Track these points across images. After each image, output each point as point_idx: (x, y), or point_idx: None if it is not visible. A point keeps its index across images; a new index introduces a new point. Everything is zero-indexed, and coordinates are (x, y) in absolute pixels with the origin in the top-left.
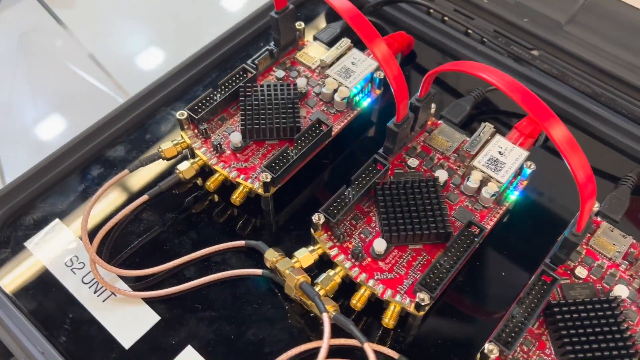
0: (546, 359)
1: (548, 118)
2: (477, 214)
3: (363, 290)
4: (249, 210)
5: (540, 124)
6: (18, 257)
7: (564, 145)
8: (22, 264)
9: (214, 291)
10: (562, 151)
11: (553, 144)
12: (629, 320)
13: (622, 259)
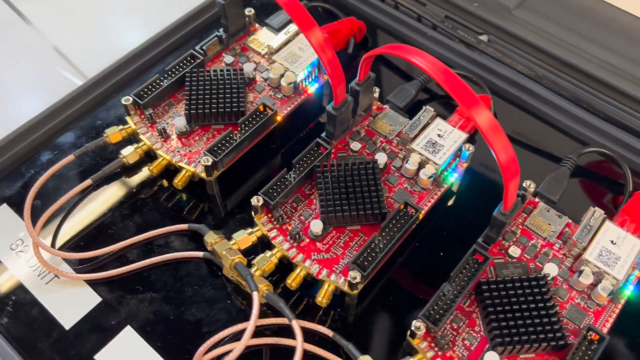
0: (475, 335)
1: (472, 102)
2: (415, 196)
3: (299, 270)
4: (196, 194)
5: (464, 108)
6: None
7: (486, 129)
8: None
9: (156, 273)
10: (485, 134)
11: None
12: (558, 297)
13: (557, 238)
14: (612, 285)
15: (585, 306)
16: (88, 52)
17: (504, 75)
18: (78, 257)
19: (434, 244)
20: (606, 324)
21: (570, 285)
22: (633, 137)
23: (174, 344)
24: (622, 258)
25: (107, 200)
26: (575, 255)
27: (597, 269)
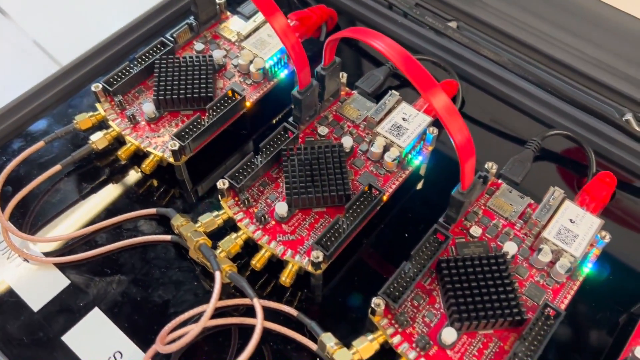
0: (435, 312)
1: (428, 85)
2: (380, 178)
3: (263, 251)
4: (166, 180)
5: (421, 92)
6: None
7: (442, 111)
8: None
9: (124, 257)
10: (441, 117)
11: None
12: (518, 275)
13: (518, 218)
14: (570, 262)
15: (544, 284)
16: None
17: (471, 61)
18: (48, 241)
19: (399, 225)
20: (564, 300)
21: (530, 263)
22: (596, 119)
23: (141, 325)
24: (580, 236)
25: (77, 186)
26: (536, 234)
27: (555, 247)
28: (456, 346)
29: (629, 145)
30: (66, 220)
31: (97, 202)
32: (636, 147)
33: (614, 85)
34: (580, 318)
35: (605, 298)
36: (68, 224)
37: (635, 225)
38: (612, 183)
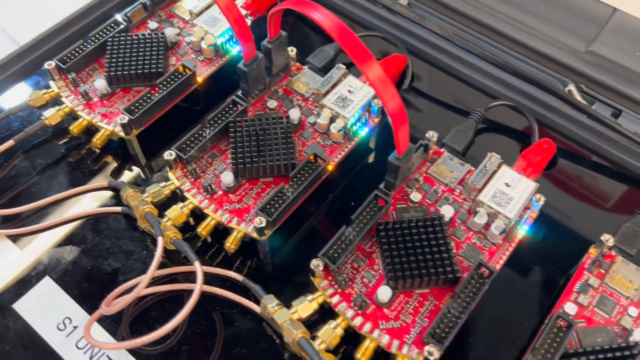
0: (374, 273)
1: (363, 57)
2: (327, 149)
3: (209, 220)
4: (119, 154)
5: (356, 63)
6: None
7: (375, 81)
8: None
9: (76, 227)
10: (374, 86)
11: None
12: (455, 238)
13: (458, 184)
14: (505, 224)
15: (481, 245)
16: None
17: (420, 36)
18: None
19: (348, 195)
20: (500, 261)
21: (467, 226)
22: (540, 91)
23: (91, 292)
24: (515, 199)
25: (32, 161)
26: (473, 198)
27: (490, 210)
28: (392, 304)
29: (571, 114)
30: (20, 194)
31: (51, 176)
32: (578, 117)
33: (557, 57)
34: (518, 279)
35: (543, 260)
36: (22, 198)
37: (575, 191)
38: (550, 149)
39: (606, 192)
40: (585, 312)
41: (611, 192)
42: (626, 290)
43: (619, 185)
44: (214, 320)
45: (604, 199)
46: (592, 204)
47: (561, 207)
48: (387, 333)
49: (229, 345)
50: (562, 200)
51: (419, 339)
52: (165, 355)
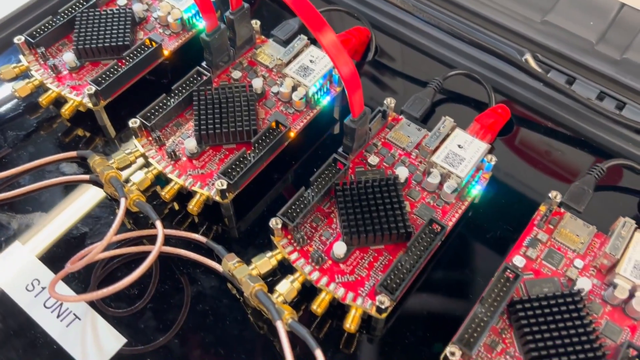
0: (332, 232)
1: (318, 25)
2: (289, 117)
3: (172, 184)
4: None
5: (311, 30)
6: None
7: (329, 48)
8: None
9: (45, 196)
10: (328, 53)
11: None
12: (411, 198)
13: (414, 148)
14: (457, 183)
15: (434, 204)
16: None
17: (381, 9)
18: None
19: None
20: (452, 218)
21: (422, 187)
22: (498, 60)
23: (59, 255)
24: (466, 159)
25: (2, 133)
26: (427, 159)
27: (443, 170)
28: (348, 260)
29: (528, 82)
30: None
31: (21, 147)
32: (534, 85)
33: (514, 27)
34: (473, 238)
35: (497, 219)
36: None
37: (530, 155)
38: (504, 114)
39: (559, 156)
40: (534, 265)
41: (564, 155)
42: (573, 244)
43: (571, 149)
44: (179, 280)
45: (558, 162)
46: (546, 167)
47: (516, 170)
48: (343, 286)
49: (194, 303)
50: (517, 163)
51: (372, 292)
52: (134, 316)
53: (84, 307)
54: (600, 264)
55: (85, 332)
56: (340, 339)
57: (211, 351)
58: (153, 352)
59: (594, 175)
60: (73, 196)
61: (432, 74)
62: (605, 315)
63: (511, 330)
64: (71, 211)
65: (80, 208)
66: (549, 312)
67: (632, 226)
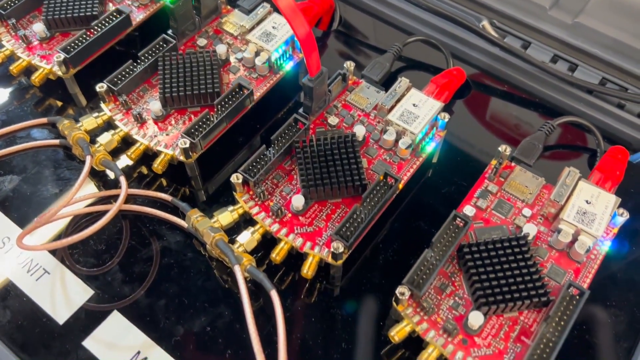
0: (292, 187)
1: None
2: (253, 82)
3: (138, 144)
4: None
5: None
6: None
7: (286, 11)
8: None
9: (17, 160)
10: (285, 15)
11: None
12: (367, 155)
13: (373, 109)
14: (411, 139)
15: (391, 161)
16: None
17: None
18: None
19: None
20: (407, 173)
21: (379, 144)
22: (456, 26)
23: (30, 215)
24: (420, 117)
25: None
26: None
27: (398, 127)
28: (307, 212)
29: (485, 48)
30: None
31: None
32: (491, 50)
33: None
34: (429, 192)
35: (453, 175)
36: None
37: (484, 117)
38: (459, 76)
39: (514, 117)
40: (484, 214)
41: (519, 116)
42: (522, 194)
43: (526, 111)
44: (146, 237)
45: (513, 123)
46: (502, 128)
47: (473, 131)
48: (301, 236)
49: (160, 258)
50: (474, 125)
51: (329, 241)
52: (101, 271)
53: (54, 262)
54: (548, 213)
55: (54, 285)
56: (301, 289)
57: (175, 301)
58: (119, 302)
59: (544, 132)
60: (43, 160)
61: (394, 42)
62: (550, 259)
63: (460, 274)
64: (42, 174)
65: (51, 171)
66: (495, 255)
67: (577, 175)
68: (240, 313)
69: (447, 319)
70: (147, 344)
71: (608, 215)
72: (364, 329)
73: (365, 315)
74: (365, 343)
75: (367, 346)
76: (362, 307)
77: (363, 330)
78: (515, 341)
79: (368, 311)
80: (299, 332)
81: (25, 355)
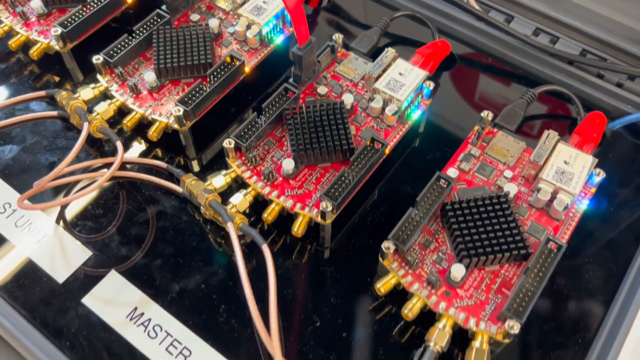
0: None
1: None
2: (245, 54)
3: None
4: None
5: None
6: None
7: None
8: None
9: (16, 131)
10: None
11: None
12: (356, 122)
13: (361, 80)
14: (397, 107)
15: (378, 128)
16: None
17: None
18: None
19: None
20: (393, 139)
21: (366, 112)
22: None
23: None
24: (406, 85)
25: None
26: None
27: (385, 95)
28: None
29: (469, 22)
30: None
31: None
32: (476, 24)
33: None
34: (414, 160)
35: (438, 144)
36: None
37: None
38: (444, 47)
39: (498, 88)
40: (467, 176)
41: (502, 87)
42: (504, 157)
43: (509, 82)
44: (142, 202)
45: (496, 93)
46: (486, 98)
47: (457, 101)
48: (292, 198)
49: (155, 221)
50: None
51: (318, 202)
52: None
53: (53, 226)
54: (528, 174)
55: (53, 247)
56: (292, 251)
57: (171, 261)
58: (116, 261)
59: (525, 100)
60: (42, 131)
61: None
62: (531, 217)
63: (444, 232)
64: (41, 144)
65: (49, 141)
66: (476, 212)
67: (555, 137)
68: (233, 272)
69: (431, 271)
70: (144, 301)
71: (585, 175)
72: (352, 286)
73: (353, 273)
74: (353, 298)
75: (355, 301)
76: (351, 266)
77: (351, 287)
78: (496, 292)
79: (356, 269)
80: (290, 288)
81: (26, 312)
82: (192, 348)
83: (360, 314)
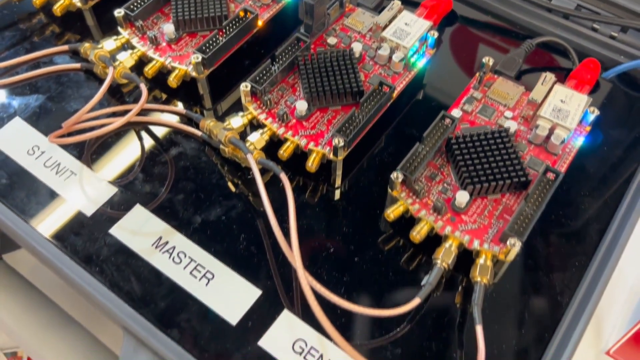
0: (295, 97)
1: None
2: (257, 9)
3: (155, 61)
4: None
5: None
6: None
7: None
8: None
9: (41, 82)
10: None
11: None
12: (364, 70)
13: (368, 31)
14: (404, 54)
15: (385, 74)
16: None
17: None
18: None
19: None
20: (400, 84)
21: (374, 61)
22: None
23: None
24: (411, 34)
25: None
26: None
27: (392, 43)
28: (310, 118)
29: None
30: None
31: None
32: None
33: None
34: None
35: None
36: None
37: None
38: (446, 1)
39: (497, 43)
40: (469, 117)
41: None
42: (504, 100)
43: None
44: (163, 144)
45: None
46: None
47: (458, 53)
48: (305, 138)
49: (176, 161)
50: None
51: (330, 141)
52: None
53: (79, 165)
54: (527, 115)
55: (80, 184)
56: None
57: (192, 196)
58: (140, 197)
59: (524, 49)
60: (66, 82)
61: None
62: (530, 152)
63: (449, 166)
64: (65, 93)
65: (74, 90)
66: (479, 145)
67: (552, 79)
68: (251, 205)
69: (437, 198)
70: (168, 231)
71: (580, 112)
72: (362, 218)
73: (363, 207)
74: (364, 228)
75: (365, 230)
76: (361, 200)
77: (362, 219)
78: (498, 218)
79: (366, 203)
80: (305, 220)
81: (57, 242)
82: (215, 272)
83: (371, 242)
